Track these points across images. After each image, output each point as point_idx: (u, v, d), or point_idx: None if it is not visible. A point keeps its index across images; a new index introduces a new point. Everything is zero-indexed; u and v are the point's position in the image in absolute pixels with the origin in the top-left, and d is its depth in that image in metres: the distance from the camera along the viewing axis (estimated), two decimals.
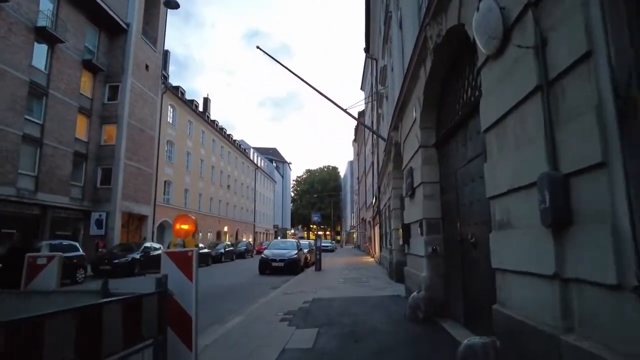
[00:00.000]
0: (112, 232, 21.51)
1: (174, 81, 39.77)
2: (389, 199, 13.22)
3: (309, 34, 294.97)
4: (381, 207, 18.06)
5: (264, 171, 61.77)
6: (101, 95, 22.68)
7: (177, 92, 31.29)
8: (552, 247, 2.24)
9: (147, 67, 25.48)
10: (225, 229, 40.97)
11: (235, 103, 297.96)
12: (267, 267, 15.09)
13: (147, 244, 17.36)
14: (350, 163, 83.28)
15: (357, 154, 46.96)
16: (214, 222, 37.41)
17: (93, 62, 21.37)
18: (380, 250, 18.78)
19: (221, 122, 53.12)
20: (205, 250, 21.34)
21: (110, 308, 2.04)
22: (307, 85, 12.90)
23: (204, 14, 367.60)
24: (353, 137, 50.09)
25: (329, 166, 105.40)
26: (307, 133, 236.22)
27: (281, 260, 14.94)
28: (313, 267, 16.45)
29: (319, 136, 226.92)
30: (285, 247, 16.28)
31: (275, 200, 71.05)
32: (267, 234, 62.07)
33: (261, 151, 70.58)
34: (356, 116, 38.85)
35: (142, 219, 25.17)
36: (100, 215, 21.60)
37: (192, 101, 35.18)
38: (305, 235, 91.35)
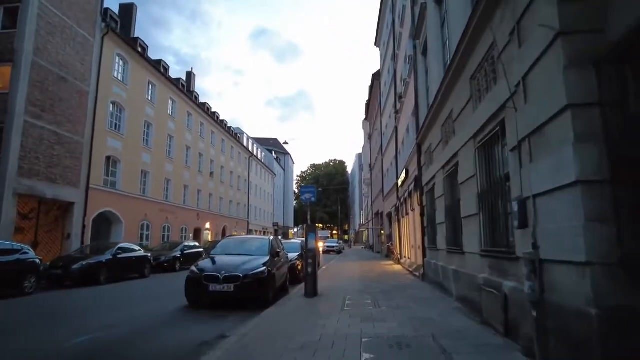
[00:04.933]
0: None
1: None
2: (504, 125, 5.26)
3: (318, 30, 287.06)
4: (428, 178, 10.08)
5: (260, 161, 53.93)
6: None
7: (135, 45, 23.58)
8: None
9: None
10: (208, 225, 33.18)
11: (243, 102, 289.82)
12: (202, 294, 7.16)
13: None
14: (359, 156, 75.18)
15: (369, 135, 38.93)
16: (190, 217, 29.61)
17: None
18: (424, 255, 10.76)
19: (229, 121, 45.61)
20: (136, 254, 13.46)
21: None
22: None
23: (211, 13, 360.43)
24: (364, 116, 42.02)
25: (335, 160, 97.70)
26: (315, 133, 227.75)
27: (229, 280, 6.97)
28: (303, 287, 8.56)
29: (327, 135, 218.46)
30: (244, 251, 8.27)
31: (275, 195, 63.22)
32: (265, 232, 54.25)
33: (260, 142, 62.79)
34: (370, 79, 30.85)
35: (65, 207, 17.43)
36: None
37: (159, 61, 27.51)
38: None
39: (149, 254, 14.38)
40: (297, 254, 11.91)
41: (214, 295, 7.04)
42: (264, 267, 7.45)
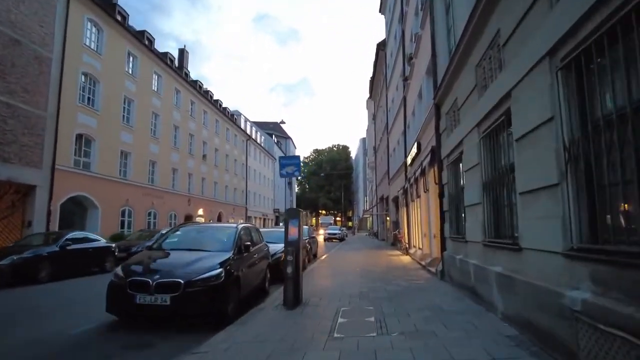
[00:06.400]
0: None
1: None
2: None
3: (319, 14, 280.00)
4: (451, 147, 7.68)
5: (259, 144, 51.49)
6: None
7: (111, 11, 21.06)
8: None
9: None
10: (200, 211, 31.06)
11: (246, 89, 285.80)
12: (128, 305, 4.88)
13: None
14: (363, 140, 72.31)
15: (374, 115, 36.30)
16: (179, 202, 27.45)
17: None
18: (443, 247, 8.42)
19: (231, 107, 43.07)
20: (94, 244, 11.26)
21: None
22: None
23: None
24: (368, 95, 39.29)
25: (338, 145, 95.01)
26: (318, 118, 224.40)
27: (164, 288, 4.71)
28: (283, 291, 6.26)
29: (331, 121, 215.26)
30: (200, 245, 5.98)
31: (276, 180, 60.90)
32: (265, 219, 52.24)
33: (260, 125, 60.27)
34: (375, 50, 28.12)
35: (24, 190, 15.26)
36: None
37: (142, 32, 24.99)
38: (313, 222, 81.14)
39: (113, 245, 12.18)
40: (282, 247, 9.63)
41: (145, 308, 4.77)
42: (220, 269, 5.14)
